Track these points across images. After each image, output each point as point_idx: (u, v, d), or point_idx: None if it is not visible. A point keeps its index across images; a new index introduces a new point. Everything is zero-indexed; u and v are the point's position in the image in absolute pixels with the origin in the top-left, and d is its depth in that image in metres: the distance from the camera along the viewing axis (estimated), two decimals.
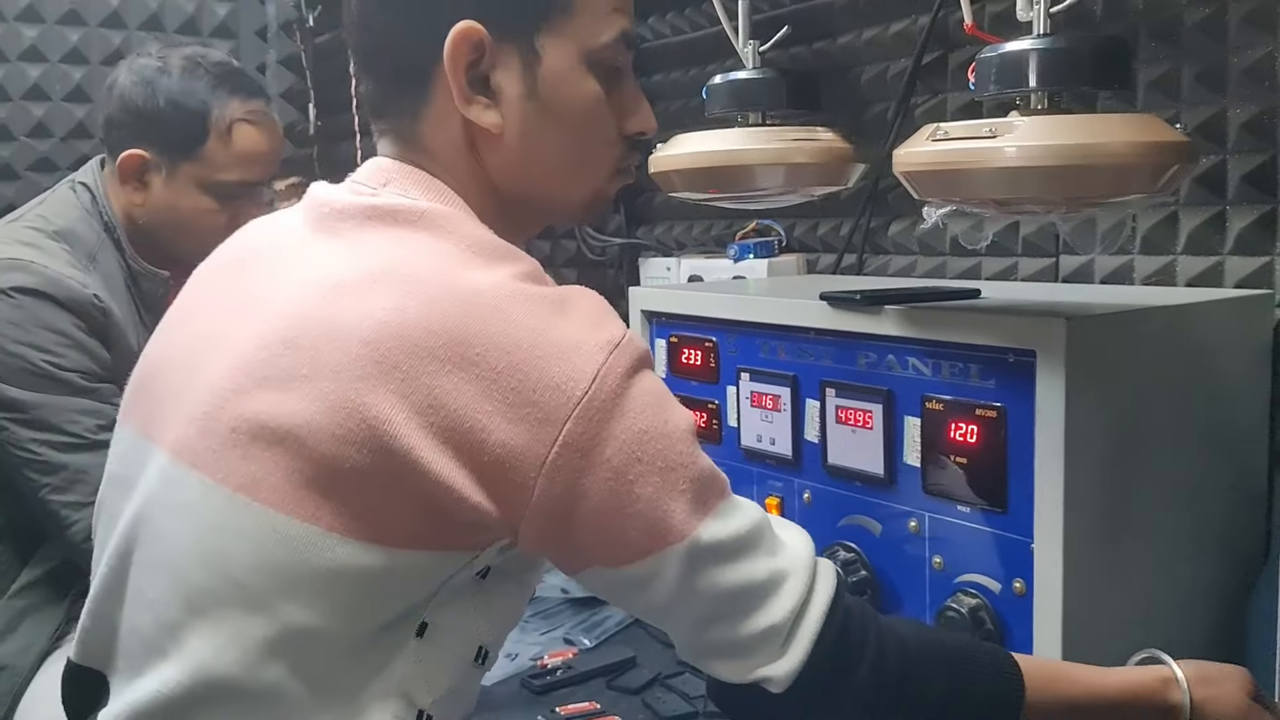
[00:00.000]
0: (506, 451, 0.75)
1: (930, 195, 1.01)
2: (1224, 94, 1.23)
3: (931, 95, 1.54)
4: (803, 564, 0.85)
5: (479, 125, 0.87)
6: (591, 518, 0.78)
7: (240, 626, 0.78)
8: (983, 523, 1.06)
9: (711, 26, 1.80)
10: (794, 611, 0.82)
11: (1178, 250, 1.30)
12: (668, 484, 0.79)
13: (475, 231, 0.85)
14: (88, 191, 1.53)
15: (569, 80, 0.89)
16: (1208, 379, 1.12)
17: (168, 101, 1.49)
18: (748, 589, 0.82)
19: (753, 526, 0.83)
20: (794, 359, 1.26)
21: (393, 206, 0.85)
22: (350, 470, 0.75)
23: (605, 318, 0.81)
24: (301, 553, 0.77)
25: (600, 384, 0.76)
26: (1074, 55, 0.97)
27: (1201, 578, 1.12)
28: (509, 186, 0.91)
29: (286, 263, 0.86)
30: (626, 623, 1.49)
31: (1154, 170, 0.93)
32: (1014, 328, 1.01)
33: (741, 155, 1.29)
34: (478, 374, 0.75)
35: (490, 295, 0.78)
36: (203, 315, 0.90)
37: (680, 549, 0.79)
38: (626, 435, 0.77)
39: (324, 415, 0.76)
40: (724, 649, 0.83)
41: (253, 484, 0.78)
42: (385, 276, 0.79)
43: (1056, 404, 0.97)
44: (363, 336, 0.76)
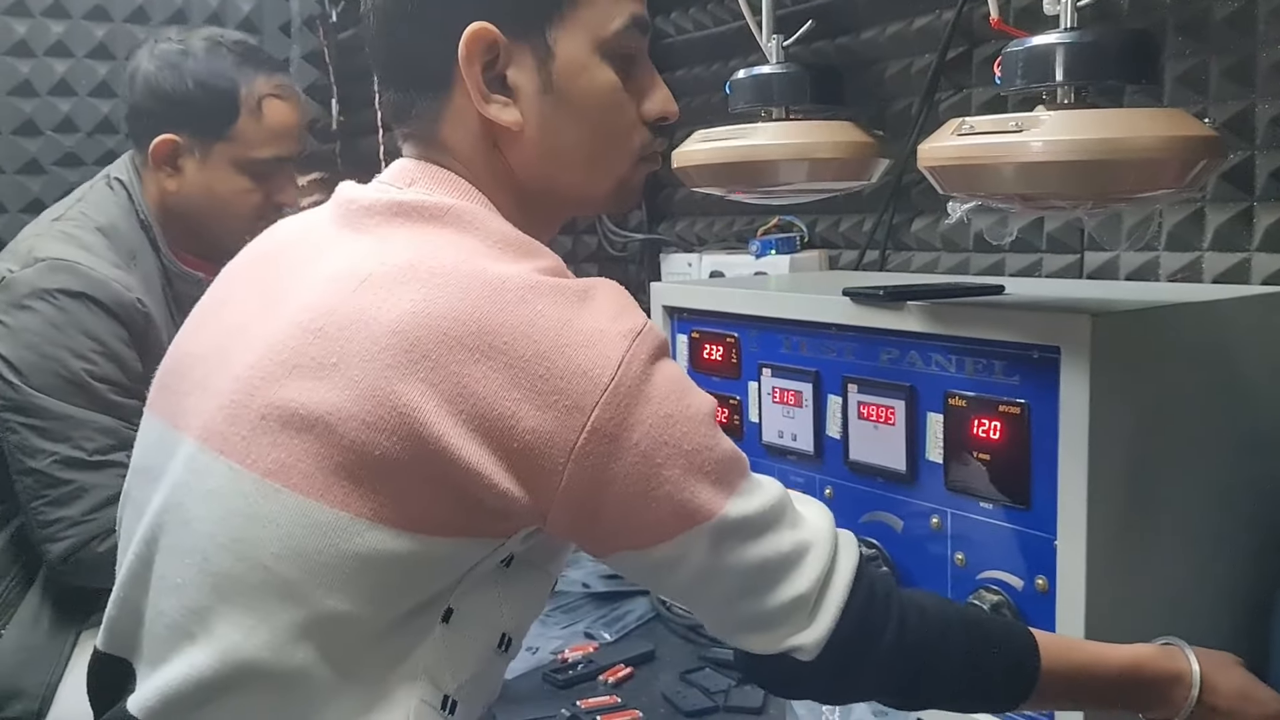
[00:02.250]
0: (536, 438, 0.76)
1: (955, 190, 1.00)
2: (1253, 89, 1.22)
3: (956, 90, 1.53)
4: (824, 535, 0.87)
5: (499, 124, 0.88)
6: (620, 502, 0.79)
7: (269, 611, 0.79)
8: (1005, 519, 1.06)
9: (735, 21, 1.80)
10: (819, 581, 0.85)
11: (1204, 246, 1.29)
12: (693, 466, 0.80)
13: (500, 227, 0.86)
14: (124, 189, 1.53)
15: (584, 71, 0.89)
16: (1233, 376, 1.11)
17: (196, 83, 1.48)
18: (774, 562, 0.84)
19: (775, 502, 0.85)
20: (816, 355, 1.26)
21: (418, 203, 0.86)
22: (380, 457, 0.76)
23: (627, 308, 0.82)
24: (330, 538, 0.78)
25: (625, 370, 0.78)
26: (1101, 49, 0.96)
27: (1226, 576, 1.11)
28: (533, 182, 0.92)
29: (314, 259, 0.87)
30: (647, 617, 1.49)
31: (1181, 165, 0.92)
32: (1038, 324, 1.01)
33: (765, 150, 1.29)
34: (506, 362, 0.76)
35: (516, 287, 0.79)
36: (231, 310, 0.91)
37: (707, 528, 0.81)
38: (652, 420, 0.79)
39: (354, 403, 0.77)
40: (753, 622, 0.85)
41: (282, 470, 0.79)
42: (412, 270, 0.80)
43: (1081, 400, 0.97)
44: (392, 326, 0.77)
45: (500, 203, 0.90)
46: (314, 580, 0.78)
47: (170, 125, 1.49)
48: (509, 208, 0.90)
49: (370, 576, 0.78)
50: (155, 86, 1.49)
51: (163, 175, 1.51)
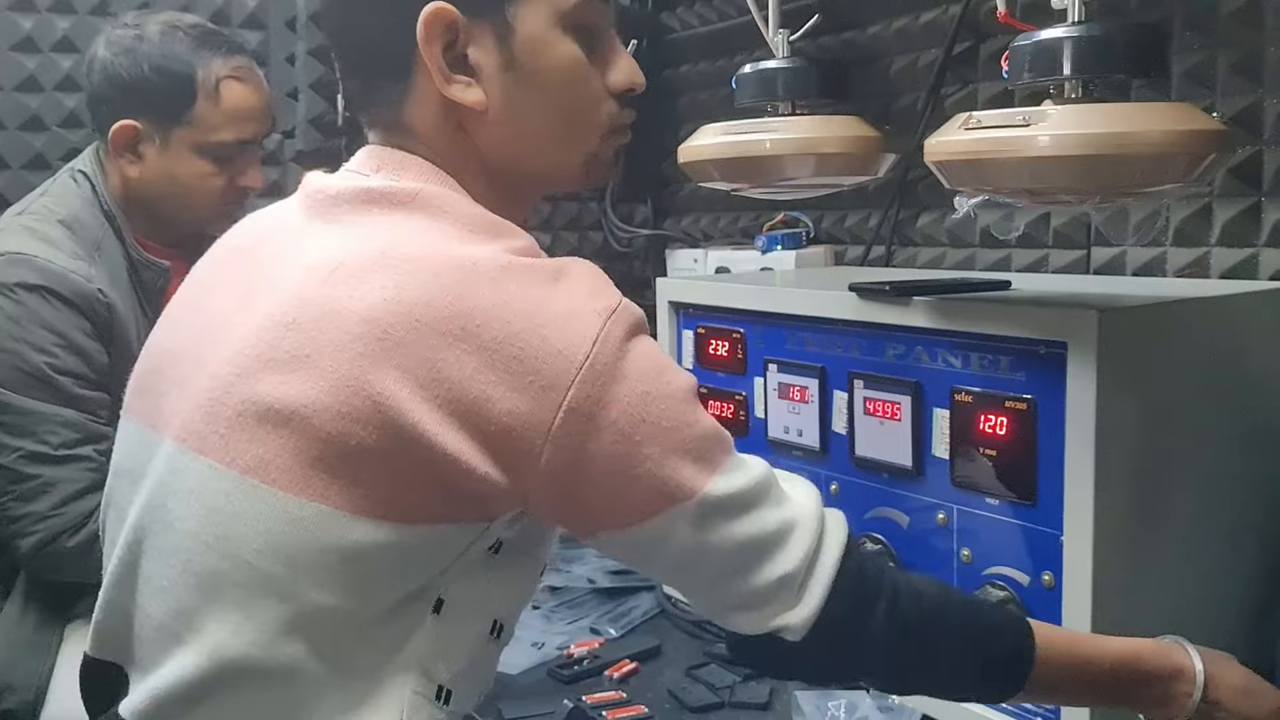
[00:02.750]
0: (513, 420, 0.76)
1: (962, 185, 1.00)
2: (1260, 84, 1.22)
3: (962, 85, 1.53)
4: (810, 513, 0.86)
5: (463, 104, 0.87)
6: (600, 481, 0.79)
7: (255, 608, 0.79)
8: (1012, 515, 1.06)
9: (740, 16, 1.79)
10: (806, 559, 0.83)
11: (1212, 242, 1.28)
12: (673, 443, 0.80)
13: (469, 210, 0.85)
14: (87, 180, 1.51)
15: (546, 46, 0.88)
16: (1241, 372, 1.11)
17: (151, 68, 1.46)
18: (759, 540, 0.83)
19: (759, 480, 0.84)
20: (822, 350, 1.25)
21: (385, 189, 0.86)
22: (357, 448, 0.76)
23: (601, 286, 0.82)
24: (312, 532, 0.77)
25: (600, 349, 0.77)
26: (1108, 43, 0.96)
27: (1234, 572, 1.11)
28: (502, 161, 0.91)
29: (285, 251, 0.87)
30: (652, 613, 1.49)
31: (1189, 160, 0.92)
32: (1045, 319, 1.01)
33: (770, 145, 1.28)
34: (479, 345, 0.76)
35: (487, 269, 0.78)
36: (204, 306, 0.90)
37: (690, 506, 0.80)
38: (630, 397, 0.78)
39: (328, 394, 0.76)
40: (740, 601, 0.84)
41: (260, 466, 0.78)
42: (383, 257, 0.80)
43: (1088, 396, 0.96)
44: (363, 315, 0.77)
45: (470, 184, 0.89)
46: (298, 575, 0.78)
47: (128, 111, 1.47)
48: (479, 189, 0.89)
49: (355, 569, 0.78)
50: (112, 73, 1.47)
51: (124, 162, 1.50)
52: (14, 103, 1.76)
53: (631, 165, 2.23)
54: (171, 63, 1.47)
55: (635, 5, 1.99)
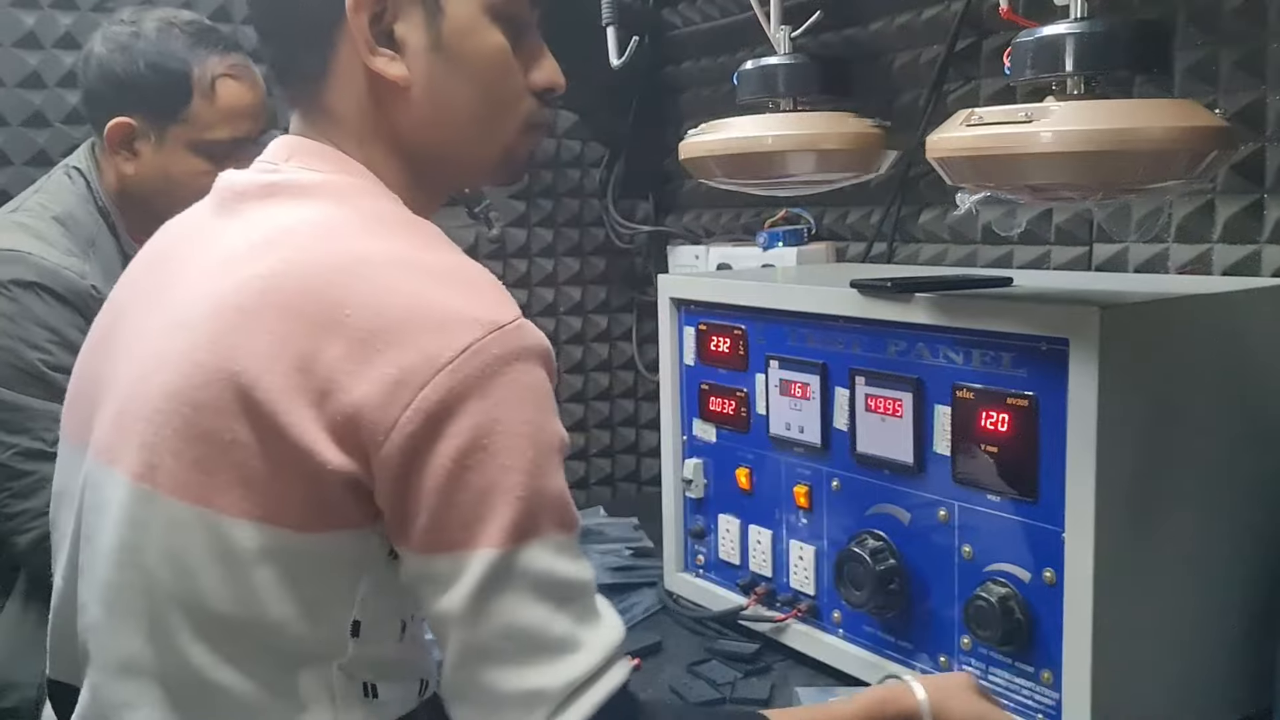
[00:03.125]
0: (364, 408, 0.73)
1: (964, 181, 1.00)
2: (1263, 80, 1.22)
3: (964, 82, 1.53)
4: (602, 647, 0.78)
5: (386, 79, 0.86)
6: (421, 496, 0.75)
7: (162, 619, 0.78)
8: (1013, 512, 1.06)
9: (742, 13, 1.79)
10: (568, 688, 0.75)
11: (1214, 239, 1.28)
12: (505, 485, 0.74)
13: (374, 204, 0.85)
14: (82, 177, 1.51)
15: (473, 31, 0.88)
16: (1244, 369, 1.10)
17: (147, 65, 1.46)
18: (536, 638, 0.76)
19: (576, 581, 0.78)
20: (823, 347, 1.25)
21: (290, 181, 0.86)
22: (231, 444, 0.75)
23: (499, 300, 0.78)
24: (197, 537, 0.76)
25: (469, 359, 0.74)
26: (1111, 39, 0.96)
27: (1235, 569, 1.11)
28: (419, 144, 0.90)
29: (191, 252, 0.87)
30: (654, 609, 1.49)
31: (1192, 156, 0.92)
32: (1047, 316, 1.01)
33: (772, 142, 1.28)
34: (347, 335, 0.74)
35: (375, 262, 0.77)
36: (125, 320, 0.90)
37: (489, 556, 0.74)
38: (480, 418, 0.74)
39: (203, 390, 0.76)
40: (478, 695, 0.76)
41: (149, 471, 0.78)
42: (271, 246, 0.79)
43: (1089, 393, 0.96)
44: (238, 304, 0.76)
45: (386, 171, 0.89)
46: (193, 583, 0.77)
47: (124, 108, 1.47)
48: (395, 175, 0.89)
49: (244, 576, 0.76)
50: (107, 70, 1.46)
51: (119, 159, 1.49)
52: (16, 99, 1.76)
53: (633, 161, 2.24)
54: (167, 60, 1.46)
55: (636, 1, 1.99)
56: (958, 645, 1.13)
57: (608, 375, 2.18)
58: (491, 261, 2.04)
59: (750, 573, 1.38)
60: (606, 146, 2.12)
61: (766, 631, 1.35)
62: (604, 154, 2.13)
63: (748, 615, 1.36)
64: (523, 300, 2.07)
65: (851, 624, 1.26)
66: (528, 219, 2.08)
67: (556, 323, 2.11)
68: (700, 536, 1.46)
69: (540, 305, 2.09)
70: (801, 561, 1.30)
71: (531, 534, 0.76)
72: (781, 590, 1.34)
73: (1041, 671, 1.05)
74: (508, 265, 2.06)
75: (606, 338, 2.18)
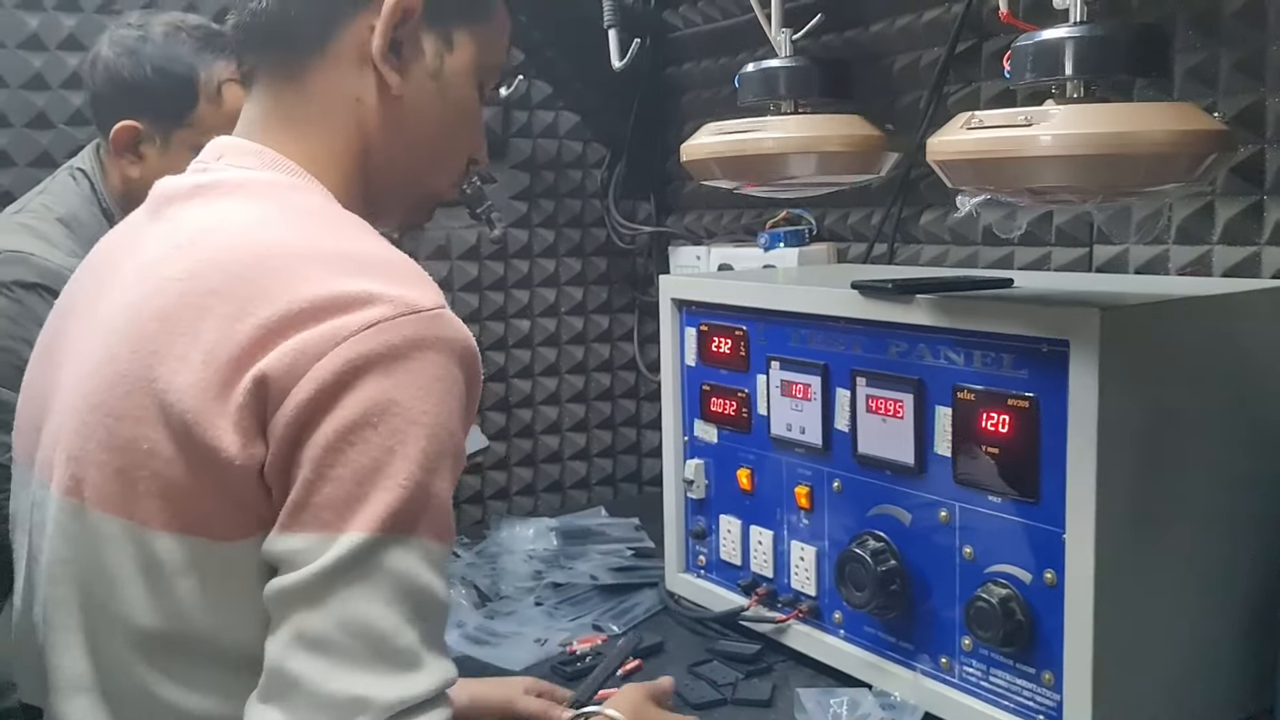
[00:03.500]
0: (269, 377, 0.72)
1: (964, 184, 1.00)
2: (1263, 82, 1.22)
3: (965, 84, 1.53)
4: (442, 676, 0.74)
5: (379, 81, 0.89)
6: (301, 466, 0.71)
7: (93, 635, 0.78)
8: (1014, 513, 1.06)
9: (743, 15, 1.79)
10: (400, 705, 0.70)
11: (1214, 240, 1.28)
12: (388, 470, 0.71)
13: (299, 198, 0.85)
14: (86, 179, 1.51)
15: (463, 81, 0.94)
16: (1244, 370, 1.11)
17: (154, 69, 1.45)
18: (381, 642, 0.70)
19: (436, 599, 0.73)
20: (825, 348, 1.26)
21: (217, 180, 0.86)
22: (148, 453, 0.74)
23: (421, 287, 0.77)
24: (123, 550, 0.76)
25: (374, 334, 0.72)
26: (1110, 43, 0.96)
27: (1236, 570, 1.11)
28: (378, 155, 0.91)
29: (122, 260, 0.87)
30: (655, 609, 1.49)
31: (1191, 159, 0.92)
32: (1047, 317, 1.01)
33: (773, 144, 1.29)
34: (254, 324, 0.73)
35: (285, 253, 0.77)
36: (62, 336, 0.90)
37: (355, 540, 0.70)
38: (375, 395, 0.71)
39: (125, 399, 0.76)
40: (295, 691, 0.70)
41: (76, 484, 0.78)
42: (190, 247, 0.80)
43: (1090, 394, 0.97)
44: (157, 310, 0.77)
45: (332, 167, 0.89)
46: (119, 597, 0.76)
47: (130, 112, 1.47)
48: (341, 175, 0.90)
49: (170, 588, 0.75)
50: (114, 73, 1.46)
51: (125, 162, 1.49)
52: (20, 100, 1.76)
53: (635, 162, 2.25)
54: (174, 64, 1.46)
55: (638, 3, 2.00)
56: (958, 646, 1.13)
57: (609, 375, 2.19)
58: (493, 262, 2.04)
59: (751, 573, 1.38)
60: (608, 147, 2.13)
61: (768, 632, 1.35)
62: (605, 155, 2.13)
63: (749, 616, 1.37)
64: (524, 300, 2.09)
65: (852, 625, 1.26)
66: (529, 220, 2.08)
67: (558, 323, 2.11)
68: (701, 537, 1.46)
69: (542, 306, 2.10)
70: (803, 562, 1.30)
71: (406, 530, 0.71)
72: (783, 591, 1.34)
73: (1043, 672, 1.05)
74: (509, 266, 2.07)
75: (608, 338, 2.18)
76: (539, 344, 2.10)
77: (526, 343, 2.09)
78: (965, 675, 1.13)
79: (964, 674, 1.13)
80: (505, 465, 2.09)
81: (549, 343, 2.11)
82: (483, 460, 1.99)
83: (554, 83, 2.05)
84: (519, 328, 2.08)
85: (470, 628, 1.45)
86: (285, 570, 0.72)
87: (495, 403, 2.06)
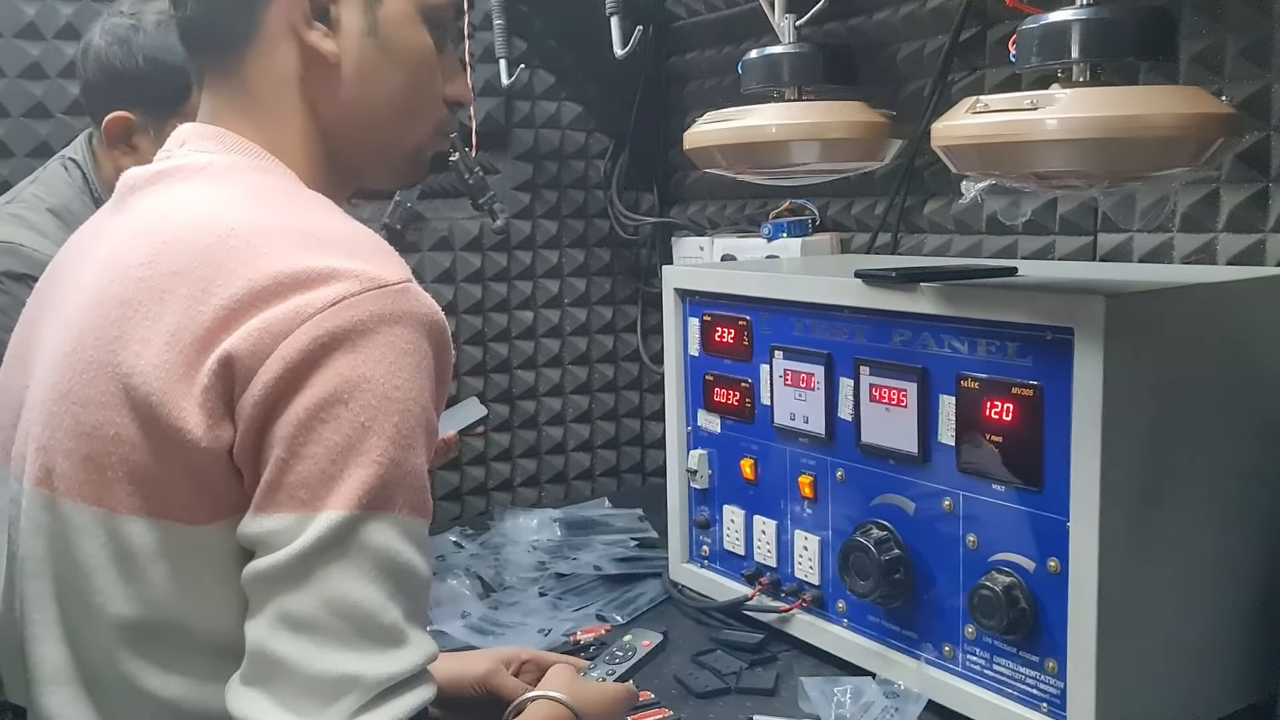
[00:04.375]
0: (235, 357, 0.71)
1: (969, 169, 1.00)
2: (1269, 69, 1.21)
3: (969, 71, 1.52)
4: (425, 651, 0.73)
5: (315, 53, 0.86)
6: (273, 446, 0.71)
7: (71, 625, 0.78)
8: (1018, 501, 1.06)
9: (747, 3, 1.79)
10: (387, 681, 0.70)
11: (1219, 228, 1.28)
12: (363, 448, 0.70)
13: (261, 179, 0.84)
14: (78, 169, 1.51)
15: (407, 27, 0.89)
16: (1248, 358, 1.10)
17: (146, 59, 1.43)
18: (365, 620, 0.70)
19: (417, 573, 0.73)
20: (828, 337, 1.25)
21: (179, 166, 0.85)
22: (115, 438, 0.74)
23: (386, 262, 0.75)
24: (95, 538, 0.75)
25: (340, 310, 0.71)
26: (1117, 26, 0.95)
27: (1239, 559, 1.11)
28: (338, 127, 0.89)
29: (88, 253, 0.86)
30: (659, 599, 1.49)
31: (1198, 143, 0.92)
32: (1051, 305, 1.00)
33: (776, 131, 1.28)
34: (217, 303, 0.72)
35: (246, 232, 0.76)
36: (35, 331, 0.90)
37: (333, 518, 0.69)
38: (346, 372, 0.70)
39: (90, 386, 0.75)
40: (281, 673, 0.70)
41: (46, 475, 0.78)
42: (148, 234, 0.79)
43: (1094, 382, 0.96)
44: (119, 296, 0.76)
45: (295, 151, 0.87)
46: (93, 586, 0.76)
47: (122, 102, 1.45)
48: (305, 157, 0.88)
49: (143, 575, 0.75)
50: (106, 63, 1.44)
51: (117, 153, 1.48)
52: (18, 89, 1.76)
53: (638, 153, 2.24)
54: (166, 54, 1.44)
55: None
56: (962, 635, 1.13)
57: (613, 367, 2.18)
58: (496, 253, 2.04)
59: (755, 563, 1.38)
60: (611, 138, 2.12)
61: (771, 621, 1.35)
62: (608, 145, 2.12)
63: (752, 605, 1.37)
64: (528, 292, 2.09)
65: (856, 614, 1.26)
66: (532, 210, 2.08)
67: (561, 314, 2.11)
68: (705, 527, 1.46)
69: (545, 297, 2.09)
70: (806, 552, 1.30)
71: (383, 506, 0.71)
72: (786, 580, 1.34)
73: (1046, 660, 1.05)
74: (512, 257, 2.06)
75: (611, 329, 2.17)
76: (542, 335, 2.09)
77: (530, 334, 2.08)
78: (969, 664, 1.13)
79: (968, 662, 1.13)
80: (509, 457, 2.09)
81: (552, 334, 2.10)
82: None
83: (556, 73, 2.04)
84: (522, 319, 2.07)
85: (474, 618, 1.45)
86: (263, 552, 0.71)
87: (499, 395, 2.06)
